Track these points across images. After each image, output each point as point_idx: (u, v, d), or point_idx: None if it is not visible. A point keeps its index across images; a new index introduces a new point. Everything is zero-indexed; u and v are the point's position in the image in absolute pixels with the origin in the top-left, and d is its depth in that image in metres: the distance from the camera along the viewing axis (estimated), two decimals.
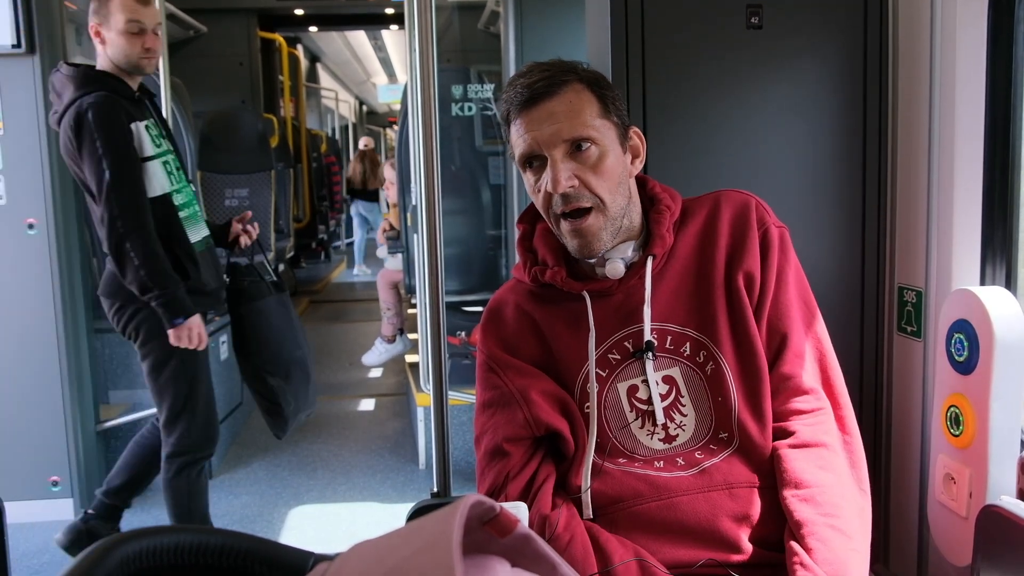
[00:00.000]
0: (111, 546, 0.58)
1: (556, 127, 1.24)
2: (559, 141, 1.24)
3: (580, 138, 1.24)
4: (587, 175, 1.25)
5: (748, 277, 1.31)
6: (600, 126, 1.26)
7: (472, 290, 4.11)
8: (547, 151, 1.25)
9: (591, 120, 1.25)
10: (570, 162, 1.25)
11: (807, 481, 1.21)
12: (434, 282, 1.58)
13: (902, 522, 1.71)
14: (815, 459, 1.24)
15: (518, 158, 1.30)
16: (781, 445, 1.26)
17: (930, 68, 1.57)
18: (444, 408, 1.57)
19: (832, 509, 1.19)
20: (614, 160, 1.27)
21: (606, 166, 1.26)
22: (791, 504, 1.21)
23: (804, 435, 1.26)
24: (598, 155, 1.26)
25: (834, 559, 1.14)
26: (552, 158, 1.24)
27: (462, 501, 0.56)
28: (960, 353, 1.44)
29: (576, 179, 1.25)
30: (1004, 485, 1.38)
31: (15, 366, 3.11)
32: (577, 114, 1.24)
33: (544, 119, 1.24)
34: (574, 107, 1.25)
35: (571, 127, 1.24)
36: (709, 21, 1.65)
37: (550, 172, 1.25)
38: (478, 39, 5.71)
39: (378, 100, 16.99)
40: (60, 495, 3.18)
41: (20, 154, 3.02)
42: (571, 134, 1.24)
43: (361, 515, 3.29)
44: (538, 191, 1.29)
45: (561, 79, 1.25)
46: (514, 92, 1.26)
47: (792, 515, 1.20)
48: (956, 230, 1.54)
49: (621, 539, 1.22)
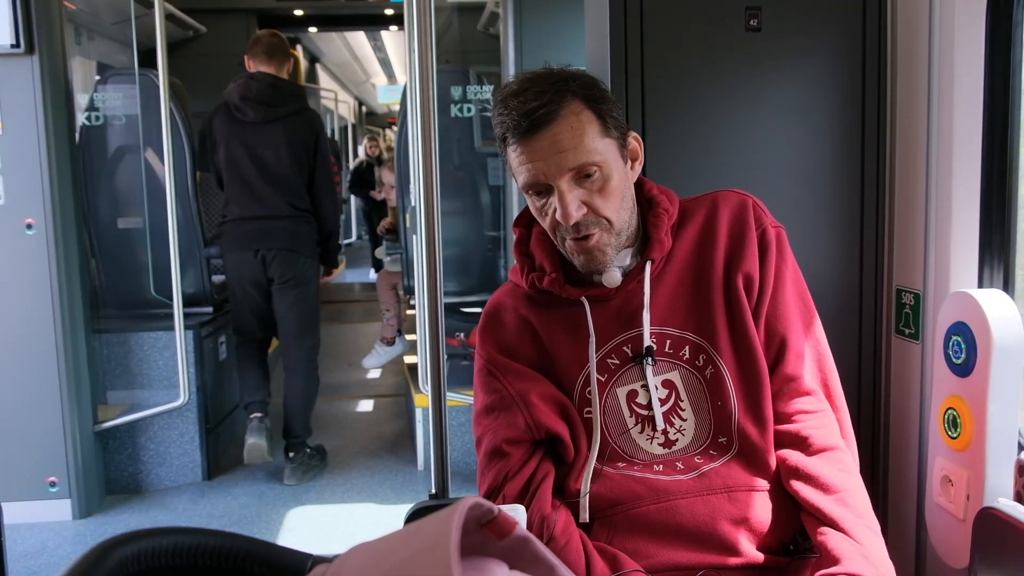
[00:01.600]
0: (109, 547, 0.58)
1: (560, 156, 1.20)
2: (564, 170, 1.21)
3: (585, 165, 1.21)
4: (594, 200, 1.23)
5: (747, 278, 1.30)
6: (602, 147, 1.23)
7: (471, 291, 4.11)
8: (553, 182, 1.22)
9: (593, 143, 1.22)
10: (577, 189, 1.22)
11: (835, 485, 1.22)
12: (433, 283, 1.58)
13: (900, 524, 1.71)
14: (834, 462, 1.24)
15: (522, 186, 1.27)
16: (794, 452, 1.26)
17: (928, 71, 1.57)
18: (443, 409, 1.57)
19: (863, 512, 1.21)
20: (618, 179, 1.25)
21: (611, 187, 1.24)
22: (822, 505, 1.20)
23: (817, 440, 1.26)
24: (603, 179, 1.23)
25: (876, 557, 1.16)
26: (559, 190, 1.22)
27: (460, 503, 0.56)
28: (958, 355, 1.44)
29: (584, 206, 1.23)
30: (1001, 487, 1.38)
31: (13, 366, 3.11)
32: (580, 140, 1.21)
33: (546, 149, 1.21)
34: (576, 133, 1.21)
35: (576, 156, 1.21)
36: (708, 23, 1.65)
37: (558, 204, 1.22)
38: (477, 40, 5.70)
39: (377, 101, 16.98)
40: (58, 496, 3.17)
41: (19, 154, 3.02)
42: (576, 162, 1.21)
43: (359, 516, 3.29)
44: (545, 215, 1.27)
45: (559, 102, 1.20)
46: (510, 118, 1.22)
47: (825, 514, 1.19)
48: (954, 233, 1.54)
49: (615, 550, 1.22)
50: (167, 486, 3.58)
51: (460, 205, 4.08)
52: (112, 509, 3.36)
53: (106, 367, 3.61)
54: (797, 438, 1.27)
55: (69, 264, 3.14)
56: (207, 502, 3.42)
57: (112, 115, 3.69)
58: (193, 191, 3.79)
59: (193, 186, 3.78)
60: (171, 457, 3.60)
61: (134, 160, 3.70)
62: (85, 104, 3.71)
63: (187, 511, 3.35)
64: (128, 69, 3.75)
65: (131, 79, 3.65)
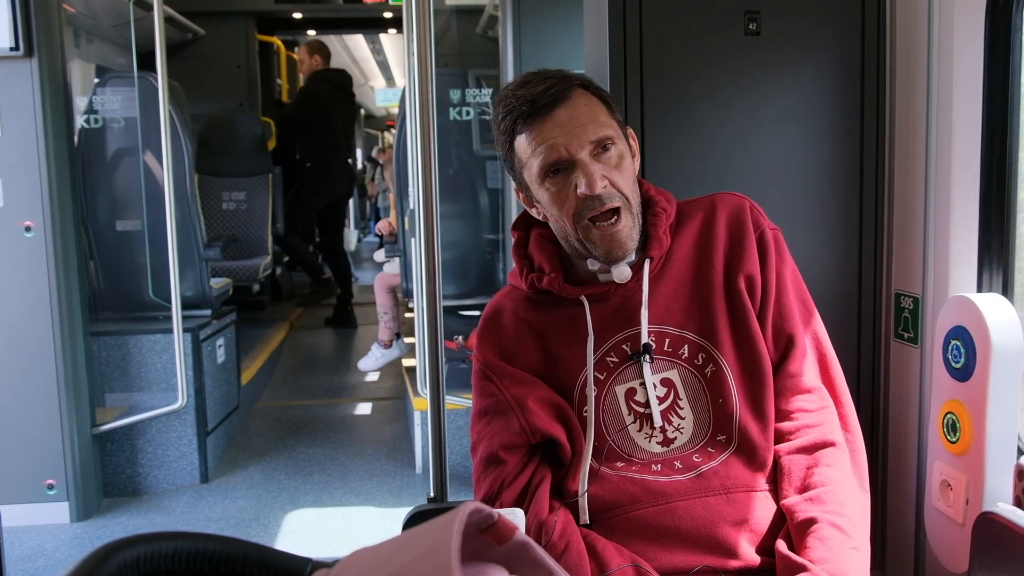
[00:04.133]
0: (108, 552, 0.58)
1: (580, 128, 1.24)
2: (586, 143, 1.25)
3: (604, 138, 1.25)
4: (613, 175, 1.26)
5: (749, 280, 1.31)
6: (614, 126, 1.28)
7: (469, 294, 4.11)
8: (576, 154, 1.25)
9: (607, 119, 1.27)
10: (596, 163, 1.25)
11: (814, 483, 1.22)
12: (431, 286, 1.58)
13: (899, 528, 1.71)
14: (822, 458, 1.25)
15: (540, 169, 1.27)
16: (787, 449, 1.27)
17: (927, 74, 1.57)
18: (441, 412, 1.56)
19: (836, 506, 1.20)
20: (629, 159, 1.30)
21: (625, 165, 1.28)
22: (795, 506, 1.21)
23: (811, 436, 1.27)
24: (618, 155, 1.27)
25: (831, 557, 1.15)
26: (581, 161, 1.25)
27: (460, 508, 0.56)
28: (957, 360, 1.44)
29: (606, 179, 1.25)
30: (1001, 492, 1.38)
31: (11, 368, 3.10)
32: (595, 115, 1.26)
33: (564, 123, 1.24)
34: (591, 109, 1.26)
35: (595, 128, 1.25)
36: (707, 27, 1.65)
37: (582, 175, 1.24)
38: (476, 43, 5.71)
39: (376, 104, 16.99)
40: (56, 498, 3.16)
41: (18, 156, 3.02)
42: (596, 135, 1.25)
43: (358, 519, 3.28)
44: (565, 197, 1.27)
45: (567, 84, 1.26)
46: (519, 103, 1.26)
47: (795, 516, 1.20)
48: (953, 237, 1.54)
49: (618, 546, 1.22)
50: (165, 489, 3.57)
51: (458, 208, 4.09)
52: (110, 512, 3.35)
53: (104, 369, 3.61)
54: (793, 435, 1.28)
55: (67, 267, 3.13)
56: (205, 505, 3.42)
57: (111, 117, 3.69)
58: (192, 193, 3.79)
59: (192, 188, 3.78)
60: (169, 460, 3.59)
61: (133, 162, 3.69)
62: (84, 107, 3.70)
63: (185, 514, 3.34)
64: (127, 72, 3.75)
65: (130, 82, 3.65)
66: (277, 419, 4.49)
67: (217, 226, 5.97)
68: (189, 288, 3.78)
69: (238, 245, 5.68)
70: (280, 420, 4.47)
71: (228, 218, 6.09)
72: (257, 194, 6.16)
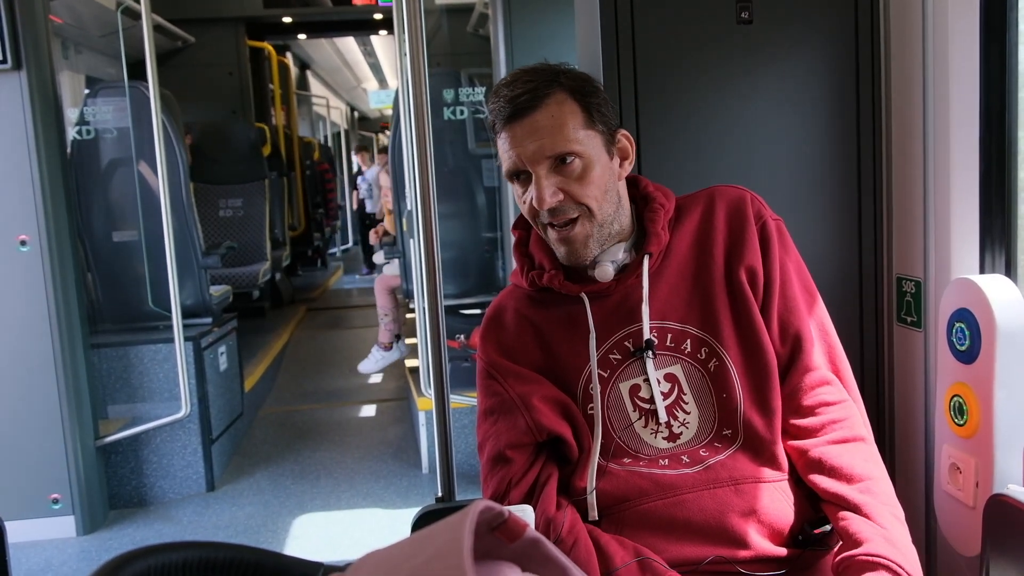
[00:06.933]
0: (121, 564, 0.58)
1: (539, 143, 1.23)
2: (542, 158, 1.24)
3: (563, 153, 1.24)
4: (572, 187, 1.25)
5: (751, 272, 1.30)
6: (584, 138, 1.25)
7: (469, 293, 4.11)
8: (531, 168, 1.24)
9: (574, 133, 1.24)
10: (554, 176, 1.25)
11: (860, 474, 1.22)
12: (432, 286, 1.58)
13: (909, 513, 1.69)
14: (858, 453, 1.24)
15: (504, 173, 1.30)
16: (817, 443, 1.26)
17: (923, 56, 1.56)
18: (446, 412, 1.56)
19: (888, 499, 1.21)
20: (600, 170, 1.27)
21: (591, 177, 1.26)
22: (845, 492, 1.20)
23: (842, 431, 1.26)
24: (582, 167, 1.25)
25: (900, 542, 1.16)
26: (536, 175, 1.24)
27: (471, 507, 0.56)
28: (962, 342, 1.43)
29: (561, 192, 1.25)
30: (1011, 474, 1.38)
31: (12, 383, 3.09)
32: (560, 128, 1.23)
33: (527, 135, 1.24)
34: (557, 121, 1.23)
35: (553, 143, 1.23)
36: (699, 16, 1.65)
37: (534, 189, 1.25)
38: (467, 42, 5.70)
39: (369, 106, 16.99)
40: (61, 512, 3.16)
41: (10, 170, 3.01)
42: (553, 150, 1.23)
43: (366, 521, 3.28)
44: (524, 203, 1.29)
45: (544, 91, 1.24)
46: (498, 105, 1.26)
47: (848, 500, 1.19)
48: (954, 219, 1.54)
49: (621, 540, 1.21)
50: (171, 498, 3.57)
51: (456, 207, 4.09)
52: (116, 524, 3.35)
53: (106, 381, 3.60)
54: (822, 430, 1.26)
55: (65, 279, 3.12)
56: (212, 513, 3.42)
57: (103, 128, 3.68)
58: (188, 201, 3.78)
59: (188, 196, 3.78)
60: (174, 469, 3.59)
61: (127, 173, 3.69)
62: (75, 118, 3.70)
63: (192, 523, 3.34)
64: (117, 82, 3.74)
65: (121, 92, 3.64)
66: (282, 425, 4.49)
67: (215, 233, 5.98)
68: (189, 297, 3.78)
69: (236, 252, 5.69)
70: (285, 425, 4.47)
71: (226, 225, 6.09)
72: (254, 200, 6.16)
